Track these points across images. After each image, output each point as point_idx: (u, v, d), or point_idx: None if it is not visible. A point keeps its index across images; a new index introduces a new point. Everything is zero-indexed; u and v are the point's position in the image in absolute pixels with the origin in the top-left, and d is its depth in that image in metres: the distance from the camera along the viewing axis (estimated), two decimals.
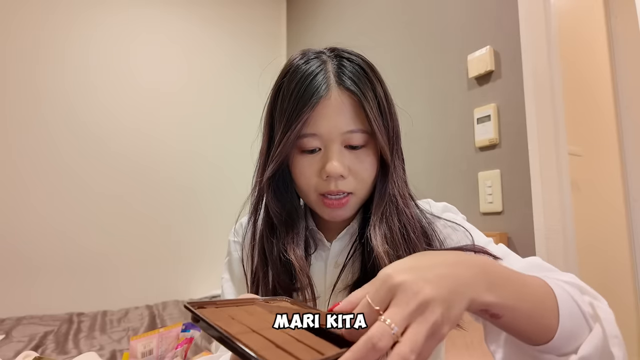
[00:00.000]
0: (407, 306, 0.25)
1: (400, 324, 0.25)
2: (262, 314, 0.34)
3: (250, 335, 0.27)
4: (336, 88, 0.50)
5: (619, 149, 1.79)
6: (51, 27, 1.76)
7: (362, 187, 0.52)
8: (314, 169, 0.51)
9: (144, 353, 0.85)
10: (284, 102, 0.51)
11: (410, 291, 0.26)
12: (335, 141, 0.50)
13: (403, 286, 0.26)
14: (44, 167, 1.70)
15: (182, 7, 2.14)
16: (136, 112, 1.94)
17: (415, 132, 1.43)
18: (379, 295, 0.27)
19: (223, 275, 0.64)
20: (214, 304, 0.34)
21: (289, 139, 0.49)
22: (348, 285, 0.53)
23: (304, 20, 2.36)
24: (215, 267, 2.00)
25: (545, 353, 0.35)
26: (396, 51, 1.60)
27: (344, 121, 0.49)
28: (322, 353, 0.25)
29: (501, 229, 1.17)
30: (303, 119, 0.48)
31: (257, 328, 0.29)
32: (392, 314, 0.25)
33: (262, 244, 0.55)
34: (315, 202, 0.53)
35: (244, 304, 0.36)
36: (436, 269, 0.28)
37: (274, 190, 0.55)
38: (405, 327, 0.25)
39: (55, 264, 1.68)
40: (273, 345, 0.26)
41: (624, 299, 1.69)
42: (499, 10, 1.23)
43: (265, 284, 0.53)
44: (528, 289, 0.34)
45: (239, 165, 2.12)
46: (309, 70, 0.50)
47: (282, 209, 0.55)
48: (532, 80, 1.12)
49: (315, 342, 0.28)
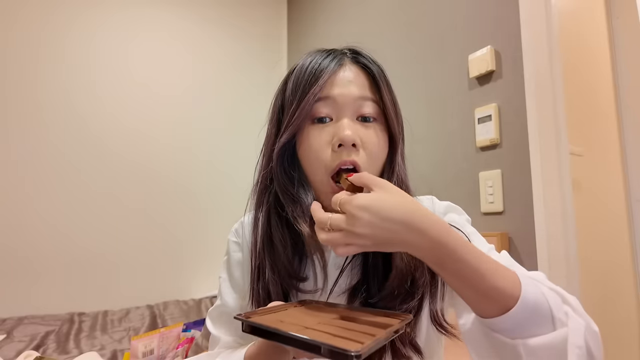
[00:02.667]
0: (347, 226, 0.38)
1: (333, 225, 0.39)
2: (301, 315, 0.41)
3: (309, 332, 0.33)
4: (350, 62, 0.54)
5: (620, 148, 1.79)
6: (51, 27, 1.76)
7: (372, 164, 0.52)
8: (325, 140, 0.51)
9: (145, 353, 0.85)
10: (297, 80, 0.53)
11: (356, 225, 0.38)
12: (348, 108, 0.51)
13: (356, 219, 0.38)
14: (46, 167, 1.70)
15: (183, 7, 2.14)
16: (137, 113, 1.94)
17: (416, 132, 1.42)
18: (343, 205, 0.39)
19: (221, 275, 0.63)
20: (256, 313, 0.40)
21: (308, 102, 0.50)
22: (348, 288, 0.52)
23: (305, 21, 2.36)
24: (216, 266, 1.99)
25: (496, 332, 0.38)
26: (397, 51, 1.60)
27: (357, 89, 0.52)
28: (373, 335, 0.32)
29: (502, 229, 1.17)
30: (321, 83, 0.50)
31: (308, 325, 0.35)
32: (335, 217, 0.40)
33: (269, 231, 0.54)
34: (324, 182, 0.51)
35: (279, 310, 0.42)
36: (390, 227, 0.37)
37: (283, 165, 0.54)
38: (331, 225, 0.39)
39: (56, 264, 1.68)
40: (331, 336, 0.32)
41: (625, 299, 1.69)
42: (500, 10, 1.23)
43: (272, 273, 0.52)
44: (485, 265, 0.37)
45: (240, 166, 2.12)
46: (321, 55, 0.54)
47: (290, 184, 0.54)
48: (533, 80, 1.12)
49: (362, 328, 0.35)
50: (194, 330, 1.00)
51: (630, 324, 1.68)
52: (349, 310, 0.43)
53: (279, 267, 0.52)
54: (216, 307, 0.62)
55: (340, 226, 0.38)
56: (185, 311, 1.69)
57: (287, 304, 0.44)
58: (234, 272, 0.61)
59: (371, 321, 0.37)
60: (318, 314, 0.41)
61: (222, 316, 0.61)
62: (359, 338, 0.31)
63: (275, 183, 0.55)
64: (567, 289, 0.36)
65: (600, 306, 1.50)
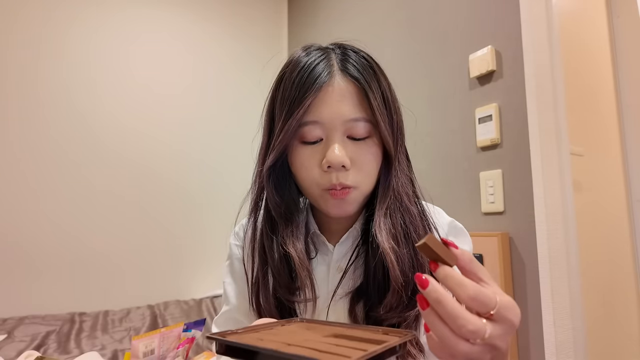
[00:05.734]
0: (500, 342, 0.30)
1: (489, 338, 0.30)
2: (287, 333, 0.36)
3: (292, 348, 0.29)
4: (339, 75, 0.49)
5: (621, 148, 1.79)
6: (52, 25, 1.76)
7: (365, 181, 0.50)
8: (315, 160, 0.49)
9: (146, 353, 0.85)
10: (286, 91, 0.49)
11: (506, 340, 0.31)
12: (338, 130, 0.48)
13: (509, 334, 0.31)
14: (46, 166, 1.70)
15: (184, 7, 2.14)
16: (138, 112, 1.94)
17: (416, 131, 1.43)
18: (504, 312, 0.31)
19: (225, 279, 0.62)
20: (234, 333, 0.35)
21: (290, 126, 0.47)
22: (350, 292, 0.52)
23: (305, 21, 2.36)
24: (216, 266, 2.00)
25: None
26: (397, 51, 1.60)
27: (347, 109, 0.48)
28: (365, 350, 0.27)
29: (503, 229, 1.17)
30: (305, 105, 0.47)
31: (292, 342, 0.31)
32: (493, 329, 0.30)
33: (262, 242, 0.54)
34: (319, 196, 0.50)
35: (263, 329, 0.37)
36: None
37: (274, 183, 0.53)
38: (485, 339, 0.30)
39: (57, 264, 1.68)
40: (317, 352, 0.28)
41: (626, 299, 1.69)
42: (501, 10, 1.22)
43: (265, 285, 0.52)
44: None
45: (241, 166, 2.12)
46: (311, 59, 0.50)
47: (281, 202, 0.53)
48: (533, 79, 1.11)
49: (354, 345, 0.30)
50: (194, 330, 0.99)
51: (631, 324, 1.68)
52: (343, 327, 0.38)
53: (272, 278, 0.52)
54: (223, 314, 0.61)
55: (494, 342, 0.30)
56: (185, 311, 1.69)
57: (274, 322, 0.41)
58: (238, 275, 0.60)
59: (366, 338, 0.33)
60: (306, 332, 0.37)
61: (229, 322, 0.59)
62: (347, 353, 0.27)
63: (265, 197, 0.54)
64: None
65: (601, 306, 1.50)
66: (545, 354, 1.04)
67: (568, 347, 1.02)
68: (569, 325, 1.03)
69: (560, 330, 1.03)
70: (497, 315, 0.30)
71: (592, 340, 1.26)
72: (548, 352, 1.03)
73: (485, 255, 1.14)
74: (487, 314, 0.30)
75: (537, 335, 1.07)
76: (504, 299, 0.31)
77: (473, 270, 0.33)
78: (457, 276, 0.31)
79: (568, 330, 1.03)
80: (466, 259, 0.33)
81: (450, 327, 0.30)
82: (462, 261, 0.33)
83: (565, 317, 1.03)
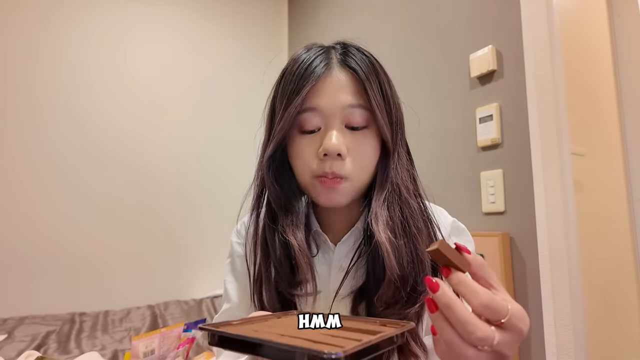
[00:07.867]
0: (507, 350, 0.31)
1: (497, 345, 0.30)
2: (281, 325, 0.36)
3: (285, 338, 0.29)
4: (338, 66, 0.51)
5: (622, 148, 1.79)
6: (50, 26, 1.76)
7: (359, 174, 0.50)
8: (312, 149, 0.50)
9: (146, 353, 0.85)
10: (286, 85, 0.51)
11: (513, 348, 0.31)
12: (336, 117, 0.49)
13: (517, 342, 0.31)
14: (47, 167, 1.70)
15: (183, 6, 2.14)
16: (137, 113, 1.94)
17: (417, 131, 1.43)
18: (515, 321, 0.31)
19: (226, 278, 0.62)
20: (229, 324, 0.35)
21: (289, 114, 0.49)
22: (352, 291, 0.51)
23: (306, 20, 2.36)
24: (216, 266, 2.00)
25: None
26: (398, 51, 1.60)
27: (345, 96, 0.49)
28: (358, 340, 0.28)
29: (503, 229, 1.16)
30: (303, 94, 0.48)
31: (285, 333, 0.31)
32: (501, 337, 0.30)
33: (265, 235, 0.54)
34: (309, 183, 0.51)
35: (258, 321, 0.37)
36: None
37: (274, 174, 0.54)
38: (493, 346, 0.30)
39: (57, 264, 1.68)
40: (311, 342, 0.28)
41: (628, 299, 1.68)
42: (502, 10, 1.22)
43: (268, 279, 0.52)
44: None
45: (241, 166, 2.12)
46: (311, 54, 0.51)
47: (281, 193, 0.54)
48: (534, 79, 1.11)
49: (350, 335, 0.30)
50: (194, 331, 0.99)
51: (632, 324, 1.68)
52: (342, 319, 0.38)
53: (274, 271, 0.52)
54: (223, 312, 0.61)
55: (501, 349, 0.30)
56: (186, 311, 1.69)
57: (269, 315, 0.41)
58: (240, 273, 0.60)
59: (362, 329, 0.32)
60: None
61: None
62: (342, 344, 0.27)
63: (267, 191, 0.55)
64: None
65: (602, 306, 1.50)
66: (546, 354, 1.03)
67: (569, 347, 1.02)
68: (569, 325, 1.03)
69: (561, 331, 1.03)
70: (508, 324, 0.30)
71: (593, 341, 1.25)
72: (549, 352, 1.03)
73: (486, 255, 1.14)
74: (497, 322, 0.30)
75: (538, 336, 1.07)
76: (515, 307, 0.31)
77: (485, 277, 0.33)
78: (470, 283, 0.31)
79: (569, 330, 1.03)
80: (478, 264, 0.33)
81: (459, 332, 0.30)
82: (474, 267, 0.33)
83: (566, 317, 1.03)
